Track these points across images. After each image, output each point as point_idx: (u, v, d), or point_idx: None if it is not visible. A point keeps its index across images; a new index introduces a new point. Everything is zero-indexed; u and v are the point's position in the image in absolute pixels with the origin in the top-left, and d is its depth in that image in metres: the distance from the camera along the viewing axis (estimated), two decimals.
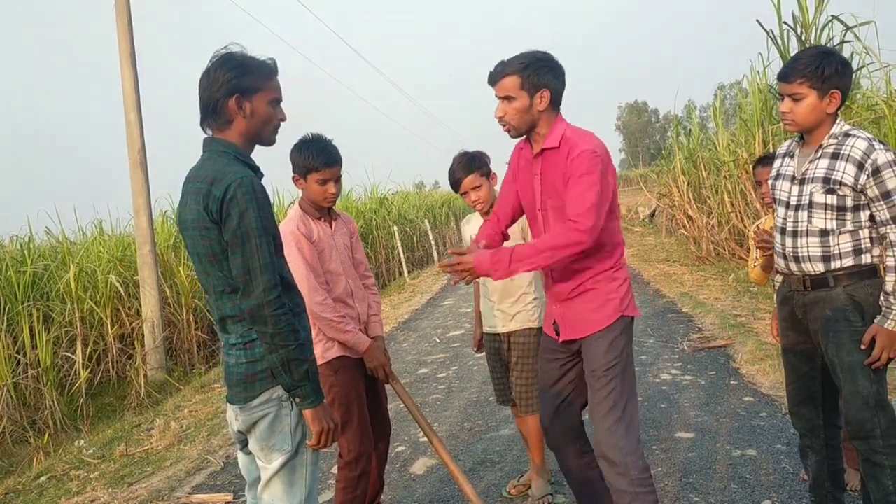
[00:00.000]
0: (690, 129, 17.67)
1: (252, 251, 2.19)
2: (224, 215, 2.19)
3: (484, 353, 4.06)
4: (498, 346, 3.88)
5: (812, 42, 9.60)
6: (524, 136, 2.94)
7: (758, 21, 10.32)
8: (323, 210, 3.41)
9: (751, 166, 11.69)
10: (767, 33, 10.38)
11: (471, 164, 3.71)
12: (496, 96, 2.83)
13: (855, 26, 9.27)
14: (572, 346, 2.94)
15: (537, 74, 2.75)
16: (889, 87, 9.22)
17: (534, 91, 2.76)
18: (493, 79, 2.82)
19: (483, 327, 3.99)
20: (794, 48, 10.12)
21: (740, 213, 12.50)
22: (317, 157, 3.24)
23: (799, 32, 9.92)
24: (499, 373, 3.93)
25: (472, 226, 3.98)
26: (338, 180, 3.33)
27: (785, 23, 10.14)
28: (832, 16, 9.55)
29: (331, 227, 3.42)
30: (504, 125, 2.84)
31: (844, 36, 9.33)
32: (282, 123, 2.45)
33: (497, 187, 3.82)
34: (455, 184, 3.76)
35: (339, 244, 3.42)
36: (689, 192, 15.39)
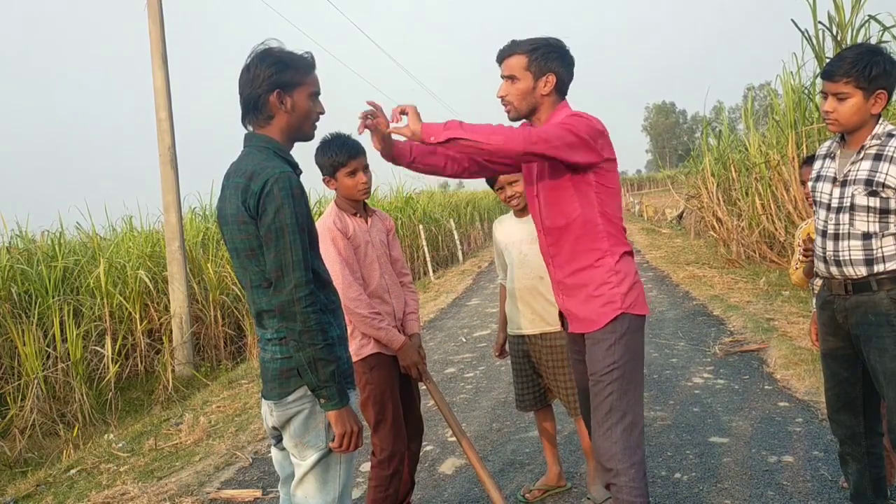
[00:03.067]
0: (720, 131, 17.48)
1: (285, 247, 2.17)
2: (260, 210, 2.18)
3: (509, 357, 3.99)
4: (526, 349, 3.80)
5: (848, 42, 9.44)
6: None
7: (792, 21, 10.18)
8: (359, 206, 3.40)
9: (783, 168, 11.59)
10: (802, 33, 10.24)
11: None
12: (501, 75, 2.76)
13: (893, 26, 9.12)
14: (579, 339, 2.85)
15: (545, 58, 2.69)
16: None
17: (539, 74, 2.70)
18: (501, 56, 2.75)
19: (508, 330, 3.92)
20: (829, 48, 9.97)
21: (772, 215, 12.32)
22: (339, 152, 3.26)
23: (834, 32, 9.76)
24: (525, 376, 3.86)
25: (505, 227, 3.91)
26: (366, 169, 3.33)
27: (820, 23, 10.00)
28: (869, 16, 9.40)
29: (367, 223, 3.41)
30: (505, 105, 2.77)
31: (882, 36, 9.18)
32: (321, 117, 2.45)
33: None
34: (491, 179, 3.69)
35: (375, 240, 3.41)
36: (718, 194, 15.22)
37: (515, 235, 3.80)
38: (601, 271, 2.70)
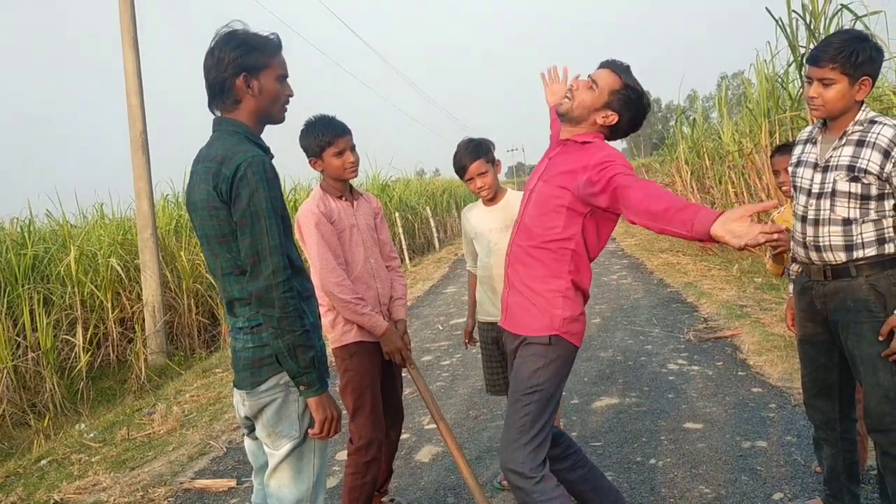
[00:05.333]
0: (694, 119, 17.58)
1: (261, 232, 2.13)
2: (234, 195, 2.14)
3: (478, 344, 3.98)
4: (495, 336, 3.79)
5: (821, 31, 9.51)
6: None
7: (767, 9, 10.23)
8: (344, 189, 3.37)
9: (755, 156, 11.69)
10: (776, 22, 10.29)
11: (477, 151, 3.67)
12: (589, 75, 2.77)
13: (864, 15, 9.18)
14: (513, 339, 2.81)
15: (625, 102, 2.70)
16: None
17: (609, 106, 2.71)
18: (604, 63, 2.76)
19: (478, 316, 3.92)
20: (802, 37, 10.04)
21: (744, 203, 12.43)
22: (326, 132, 3.23)
23: (808, 21, 9.83)
24: (494, 362, 3.86)
25: (475, 215, 3.89)
26: (353, 149, 3.31)
27: (794, 11, 10.06)
28: (842, 4, 9.46)
29: (352, 206, 3.37)
30: (568, 101, 2.74)
31: (854, 25, 9.24)
32: (290, 99, 2.40)
33: (501, 175, 3.78)
34: (461, 170, 3.70)
35: (361, 223, 3.37)
36: (692, 182, 15.34)
37: (485, 224, 3.81)
38: (549, 288, 2.70)
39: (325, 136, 3.22)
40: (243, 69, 2.23)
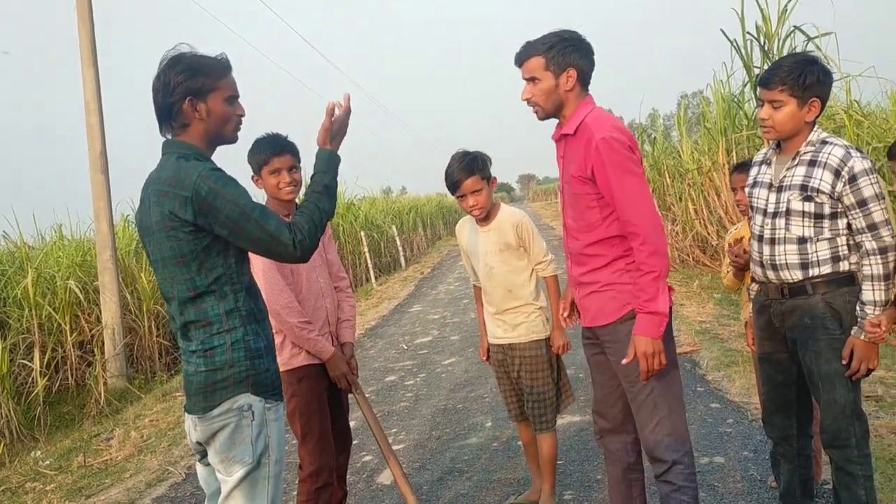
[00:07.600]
0: (655, 137, 17.82)
1: (259, 219, 2.16)
2: (206, 210, 2.14)
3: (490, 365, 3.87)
4: (503, 358, 3.69)
5: (775, 52, 9.73)
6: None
7: (722, 31, 10.42)
8: (290, 208, 3.27)
9: (714, 174, 11.88)
10: (731, 43, 10.49)
11: (472, 166, 3.45)
12: (522, 78, 2.77)
13: (816, 37, 9.40)
14: (596, 333, 2.89)
15: (563, 54, 2.68)
16: (849, 97, 9.36)
17: (559, 71, 2.69)
18: (519, 60, 2.77)
19: (488, 336, 3.79)
20: (757, 58, 10.25)
21: (704, 220, 12.62)
22: (265, 148, 3.19)
23: (762, 42, 10.04)
24: (506, 386, 3.76)
25: (469, 235, 3.73)
26: (291, 170, 3.22)
27: (748, 33, 10.27)
28: (794, 26, 9.68)
29: None
30: (532, 107, 2.78)
31: (806, 46, 9.47)
32: (242, 119, 2.40)
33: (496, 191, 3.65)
34: (453, 185, 3.49)
35: None
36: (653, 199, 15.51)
37: (480, 246, 3.64)
38: (609, 271, 2.76)
39: (263, 152, 3.18)
40: (189, 93, 2.24)
